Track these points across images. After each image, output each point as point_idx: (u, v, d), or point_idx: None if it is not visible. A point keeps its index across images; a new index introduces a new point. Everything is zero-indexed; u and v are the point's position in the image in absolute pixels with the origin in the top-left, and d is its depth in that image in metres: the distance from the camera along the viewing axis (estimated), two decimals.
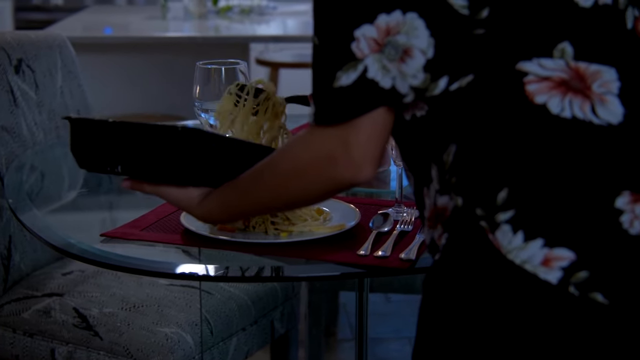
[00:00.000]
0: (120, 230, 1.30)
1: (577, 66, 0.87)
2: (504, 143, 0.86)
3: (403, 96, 0.88)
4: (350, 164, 0.90)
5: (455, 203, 0.89)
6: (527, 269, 0.83)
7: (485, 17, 0.87)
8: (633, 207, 0.83)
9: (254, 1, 4.05)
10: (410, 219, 1.31)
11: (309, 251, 1.22)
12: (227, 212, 1.11)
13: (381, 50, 0.87)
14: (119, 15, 4.28)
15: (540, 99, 0.85)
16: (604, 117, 0.85)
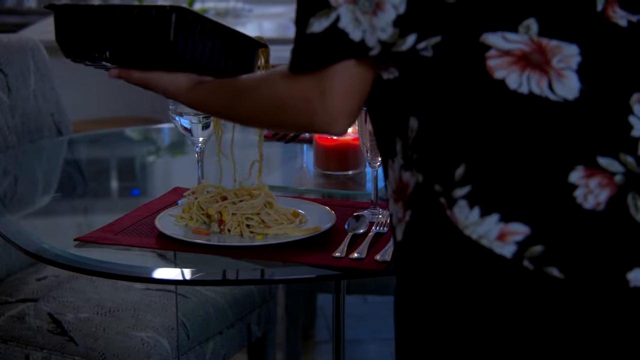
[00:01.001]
0: (94, 234, 1.30)
1: (539, 40, 0.87)
2: (463, 119, 0.87)
3: (370, 49, 0.88)
4: (325, 113, 0.91)
5: (416, 179, 0.90)
6: (483, 244, 0.85)
7: None
8: (587, 181, 0.84)
9: (229, 3, 4.04)
10: (385, 220, 1.31)
11: (284, 254, 1.21)
12: (207, 110, 1.12)
13: (355, 2, 0.87)
14: None
15: (499, 74, 0.86)
16: (560, 93, 0.86)
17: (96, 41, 1.12)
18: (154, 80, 1.11)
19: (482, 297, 0.86)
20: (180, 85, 1.09)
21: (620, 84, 0.88)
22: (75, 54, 1.16)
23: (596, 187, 0.84)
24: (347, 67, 0.89)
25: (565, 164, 0.84)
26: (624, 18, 0.92)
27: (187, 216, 1.31)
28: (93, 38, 1.12)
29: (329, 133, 0.94)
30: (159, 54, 1.09)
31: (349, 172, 1.62)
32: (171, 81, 1.10)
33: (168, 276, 1.24)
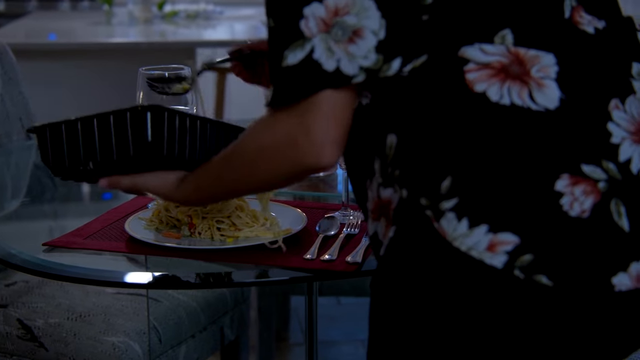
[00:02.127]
0: (62, 239, 1.28)
1: (516, 51, 0.88)
2: (446, 132, 0.87)
3: (351, 77, 0.88)
4: (311, 148, 0.90)
5: (400, 195, 0.89)
6: (473, 255, 0.85)
7: (430, 4, 0.88)
8: (572, 189, 0.85)
9: (200, 6, 4.02)
10: (356, 222, 1.31)
11: (255, 256, 1.21)
12: (204, 196, 1.09)
13: (328, 31, 0.87)
14: (63, 21, 4.22)
15: (479, 87, 0.87)
16: (542, 102, 0.87)
17: (77, 155, 1.13)
18: (143, 184, 1.10)
19: (474, 307, 0.86)
20: (170, 184, 1.08)
21: (598, 91, 0.89)
22: (62, 172, 1.16)
23: (581, 194, 0.85)
24: (326, 97, 0.88)
25: (551, 172, 0.85)
26: (590, 24, 0.93)
27: (157, 220, 1.30)
28: (74, 151, 1.13)
29: (320, 167, 0.92)
30: (140, 156, 1.09)
31: (320, 174, 1.62)
32: (160, 182, 1.09)
33: (139, 280, 1.23)
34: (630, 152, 0.87)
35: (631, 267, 0.85)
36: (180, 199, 1.11)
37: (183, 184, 1.08)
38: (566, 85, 0.88)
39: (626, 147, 0.87)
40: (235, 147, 0.99)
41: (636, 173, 0.87)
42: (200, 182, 1.06)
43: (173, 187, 1.08)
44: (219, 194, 1.09)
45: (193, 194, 1.07)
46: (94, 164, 1.12)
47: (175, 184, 1.08)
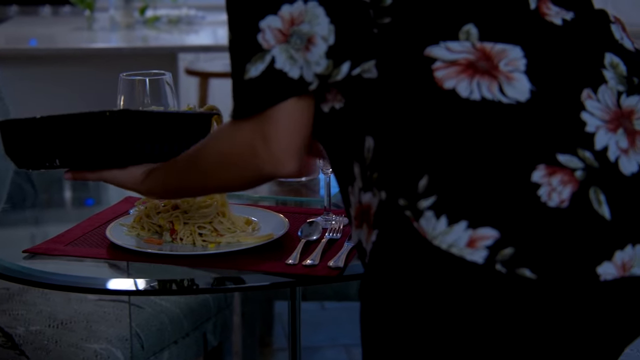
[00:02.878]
0: (43, 245, 1.28)
1: (482, 46, 0.88)
2: (419, 131, 0.87)
3: (309, 84, 0.89)
4: (271, 157, 0.92)
5: (379, 198, 0.90)
6: (454, 253, 0.84)
7: (389, 5, 0.89)
8: (549, 179, 0.85)
9: (182, 11, 4.01)
10: (339, 226, 1.31)
11: (237, 262, 1.21)
12: (168, 191, 1.14)
13: (287, 41, 0.88)
14: (44, 26, 4.20)
15: (449, 84, 0.87)
16: (512, 95, 0.87)
17: (44, 151, 1.15)
18: (109, 178, 1.15)
19: (458, 305, 0.86)
20: (136, 177, 1.13)
21: (569, 82, 0.89)
22: (27, 164, 1.19)
23: (558, 184, 0.84)
24: (286, 106, 0.90)
25: (526, 164, 0.85)
26: (558, 16, 0.93)
27: (139, 226, 1.30)
28: (41, 148, 1.16)
29: (278, 176, 0.94)
30: (105, 157, 1.12)
31: (302, 179, 1.62)
32: (126, 176, 1.13)
33: (121, 287, 1.22)
34: (606, 140, 0.87)
35: (616, 255, 0.85)
36: (146, 192, 1.15)
37: (149, 178, 1.12)
38: (536, 77, 0.88)
39: (602, 136, 0.87)
40: (199, 151, 1.02)
41: (614, 161, 0.87)
42: (165, 179, 1.10)
43: (139, 181, 1.13)
44: (182, 193, 1.14)
45: (158, 189, 1.13)
46: (60, 161, 1.15)
47: (141, 177, 1.13)
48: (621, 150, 0.88)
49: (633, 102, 0.91)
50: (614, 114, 0.89)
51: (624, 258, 0.85)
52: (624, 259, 0.85)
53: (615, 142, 0.88)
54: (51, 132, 1.14)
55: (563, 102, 0.88)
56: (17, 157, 1.18)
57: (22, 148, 1.17)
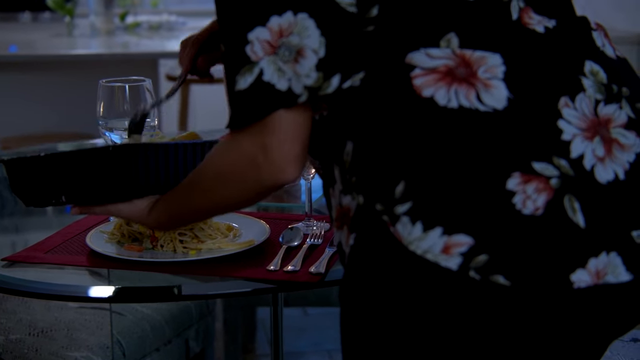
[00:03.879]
0: (22, 253, 1.27)
1: (462, 53, 0.89)
2: (397, 138, 0.87)
3: (298, 96, 0.89)
4: (272, 166, 0.91)
5: (357, 202, 0.90)
6: (429, 259, 0.85)
7: (375, 15, 0.89)
8: (524, 187, 0.85)
9: (162, 17, 4.00)
10: (320, 232, 1.31)
11: (218, 268, 1.21)
12: (174, 219, 1.11)
13: (275, 52, 0.88)
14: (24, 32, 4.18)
15: (427, 92, 0.87)
16: (489, 103, 0.87)
17: (50, 188, 1.16)
18: (115, 212, 1.14)
19: (432, 311, 0.86)
20: (142, 210, 1.12)
21: (547, 89, 0.89)
22: (34, 202, 1.19)
23: (533, 192, 0.85)
24: (281, 116, 0.89)
25: (502, 171, 0.85)
26: (540, 24, 0.94)
27: (119, 233, 1.29)
28: (46, 186, 1.16)
29: (280, 184, 0.93)
30: (110, 192, 1.12)
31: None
32: (132, 209, 1.12)
33: (102, 294, 1.22)
34: (582, 149, 0.88)
35: (589, 263, 0.85)
36: (154, 225, 1.14)
37: (154, 210, 1.11)
38: (514, 84, 0.88)
39: (578, 144, 0.88)
40: (199, 172, 1.01)
41: (589, 169, 0.87)
42: (170, 208, 1.09)
43: (145, 213, 1.11)
44: (189, 218, 1.12)
45: (164, 218, 1.10)
46: (66, 198, 1.15)
47: (147, 210, 1.11)
48: (597, 159, 0.88)
49: (610, 111, 0.91)
50: (591, 122, 0.89)
51: (598, 266, 0.85)
52: (598, 266, 0.85)
53: (592, 150, 0.88)
54: (55, 169, 1.15)
55: (540, 110, 0.88)
56: (23, 195, 1.19)
57: (28, 186, 1.18)
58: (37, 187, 1.17)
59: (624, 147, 0.90)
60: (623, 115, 0.91)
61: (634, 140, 0.91)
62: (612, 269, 0.86)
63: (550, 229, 0.85)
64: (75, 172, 1.13)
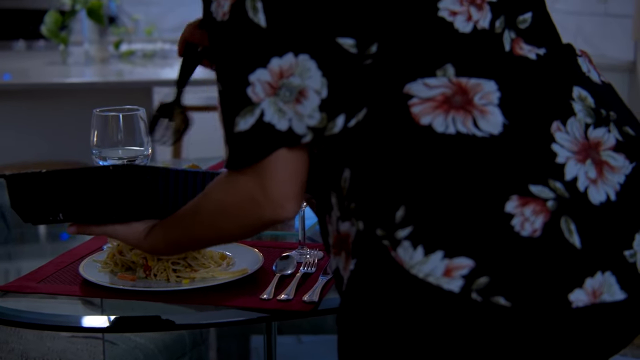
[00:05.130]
0: (15, 283, 1.26)
1: (458, 81, 0.90)
2: (397, 164, 0.89)
3: (301, 137, 0.90)
4: (271, 204, 0.92)
5: (357, 228, 0.91)
6: (431, 282, 0.86)
7: (374, 52, 0.91)
8: (522, 210, 0.87)
9: (156, 45, 4.02)
10: (313, 260, 1.31)
11: (212, 297, 1.21)
12: (170, 247, 1.12)
13: (276, 93, 0.89)
14: (18, 60, 4.19)
15: (425, 120, 0.89)
16: (486, 129, 0.89)
17: (49, 205, 1.17)
18: (112, 233, 1.15)
19: (434, 333, 0.87)
20: (138, 233, 1.12)
21: (540, 114, 0.91)
22: (32, 219, 1.20)
23: (531, 214, 0.86)
24: (281, 156, 0.91)
25: (500, 195, 0.87)
26: (531, 52, 0.96)
27: (112, 262, 1.29)
28: (45, 202, 1.17)
29: (279, 220, 0.95)
30: (109, 212, 1.13)
31: None
32: (129, 231, 1.13)
33: (95, 324, 1.21)
34: (575, 171, 0.90)
35: (586, 282, 0.87)
36: (149, 249, 1.14)
37: (151, 235, 1.11)
38: (508, 110, 0.90)
39: (571, 166, 0.90)
40: (199, 204, 1.02)
41: (583, 191, 0.89)
42: (167, 234, 1.09)
43: (142, 237, 1.12)
44: (185, 246, 1.13)
45: (160, 245, 1.11)
46: (63, 215, 1.16)
47: (143, 233, 1.12)
48: (590, 181, 0.90)
49: (600, 134, 0.93)
50: (582, 146, 0.91)
51: (594, 285, 0.87)
52: (594, 285, 0.87)
53: (585, 173, 0.90)
54: (55, 186, 1.15)
55: (534, 134, 0.90)
56: (22, 211, 1.19)
57: (27, 202, 1.18)
58: (36, 203, 1.17)
59: (614, 169, 0.92)
60: (612, 138, 0.94)
61: (623, 162, 0.93)
62: (607, 288, 0.88)
63: (548, 250, 0.86)
64: (75, 190, 1.14)
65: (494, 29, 0.94)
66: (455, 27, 0.92)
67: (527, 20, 0.98)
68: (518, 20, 0.97)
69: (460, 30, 0.92)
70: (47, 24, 3.75)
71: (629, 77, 3.39)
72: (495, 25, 0.94)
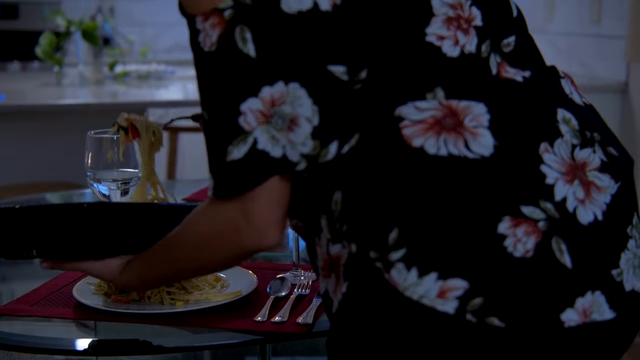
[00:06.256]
0: (8, 306, 1.26)
1: (449, 103, 0.91)
2: (389, 186, 0.89)
3: (294, 164, 0.90)
4: (253, 231, 0.92)
5: (349, 250, 0.91)
6: (425, 304, 0.86)
7: (364, 78, 0.91)
8: (514, 230, 0.87)
9: (151, 66, 4.03)
10: (307, 282, 1.31)
11: (206, 320, 1.20)
12: (145, 282, 1.13)
13: (268, 121, 0.89)
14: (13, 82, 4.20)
15: (417, 143, 0.89)
16: (477, 150, 0.89)
17: (22, 241, 1.16)
18: (87, 269, 1.15)
19: (430, 354, 0.87)
20: (113, 270, 1.13)
21: (529, 136, 0.92)
22: (4, 254, 1.20)
23: (523, 235, 0.87)
24: (272, 183, 0.91)
25: (493, 216, 0.87)
26: (517, 74, 0.97)
27: (106, 284, 1.29)
28: (18, 239, 1.17)
29: (261, 248, 0.94)
30: (83, 249, 1.13)
31: None
32: (103, 268, 1.14)
33: (88, 347, 1.21)
34: (564, 192, 0.91)
35: (577, 302, 0.88)
36: (124, 285, 1.15)
37: (126, 271, 1.12)
38: (498, 132, 0.91)
39: (560, 187, 0.91)
40: (178, 237, 1.02)
41: (572, 211, 0.90)
42: (143, 270, 1.10)
43: (117, 273, 1.13)
44: (160, 281, 1.14)
45: (136, 281, 1.12)
46: (37, 252, 1.16)
47: (118, 269, 1.12)
48: (578, 201, 0.91)
49: (585, 155, 0.94)
50: (570, 166, 0.92)
51: (585, 305, 0.88)
52: (584, 305, 0.88)
53: (573, 193, 0.91)
54: (28, 222, 1.15)
55: (524, 155, 0.91)
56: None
57: (0, 237, 1.18)
58: (9, 238, 1.17)
59: (600, 189, 0.93)
60: (597, 159, 0.95)
61: (608, 182, 0.94)
62: (597, 307, 0.89)
63: (541, 271, 0.87)
64: (49, 227, 1.13)
65: (481, 52, 0.95)
66: (443, 51, 0.93)
67: (510, 44, 0.99)
68: (502, 44, 0.99)
69: (448, 55, 0.93)
70: (41, 45, 3.76)
71: (621, 98, 3.41)
72: (482, 49, 0.95)
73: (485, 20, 0.97)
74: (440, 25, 0.93)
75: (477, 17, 0.96)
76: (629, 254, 0.94)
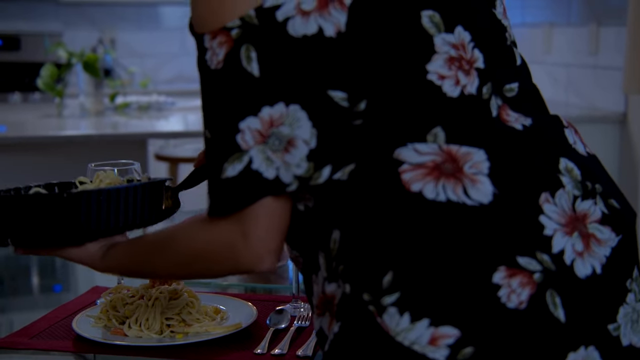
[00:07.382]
0: (7, 339, 1.26)
1: (449, 149, 0.91)
2: (386, 229, 0.88)
3: (286, 185, 0.90)
4: (250, 254, 0.92)
5: (343, 290, 0.90)
6: (416, 350, 0.85)
7: (362, 110, 0.91)
8: (509, 281, 0.86)
9: (152, 97, 4.05)
10: (307, 314, 1.31)
11: (205, 352, 1.20)
12: (127, 272, 1.14)
13: (265, 142, 0.90)
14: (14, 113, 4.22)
15: (415, 187, 0.89)
16: (476, 197, 0.89)
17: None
18: (65, 255, 1.14)
19: None
20: (93, 255, 1.13)
21: (529, 185, 0.92)
22: None
23: (517, 286, 0.86)
24: (265, 205, 0.91)
25: (488, 265, 0.86)
26: (517, 121, 0.97)
27: (105, 317, 1.29)
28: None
29: (255, 271, 0.95)
30: (65, 236, 1.12)
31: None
32: (83, 254, 1.13)
33: None
34: (562, 244, 0.90)
35: (569, 357, 0.87)
36: (104, 270, 1.14)
37: (108, 256, 1.11)
38: (498, 180, 0.90)
39: (559, 239, 0.90)
40: (171, 242, 1.02)
41: (569, 264, 0.89)
42: (125, 260, 1.10)
43: (97, 258, 1.12)
44: (143, 274, 1.15)
45: (117, 268, 1.12)
46: (12, 241, 1.14)
47: (99, 255, 1.12)
48: (577, 254, 0.90)
49: (586, 206, 0.94)
50: (570, 218, 0.92)
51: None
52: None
53: (572, 245, 0.90)
54: (4, 211, 1.13)
55: (523, 205, 0.90)
56: None
57: None
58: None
59: (600, 242, 0.92)
60: (598, 211, 0.94)
61: (609, 235, 0.93)
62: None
63: (533, 323, 0.86)
64: (23, 217, 1.12)
65: (482, 94, 0.95)
66: (443, 90, 0.92)
67: (513, 90, 0.99)
68: (505, 88, 0.99)
69: (448, 94, 0.93)
70: (43, 77, 3.78)
71: (619, 129, 3.42)
72: (483, 91, 0.95)
73: (487, 63, 0.96)
74: (442, 64, 0.93)
75: (479, 59, 0.96)
76: (628, 308, 0.93)
